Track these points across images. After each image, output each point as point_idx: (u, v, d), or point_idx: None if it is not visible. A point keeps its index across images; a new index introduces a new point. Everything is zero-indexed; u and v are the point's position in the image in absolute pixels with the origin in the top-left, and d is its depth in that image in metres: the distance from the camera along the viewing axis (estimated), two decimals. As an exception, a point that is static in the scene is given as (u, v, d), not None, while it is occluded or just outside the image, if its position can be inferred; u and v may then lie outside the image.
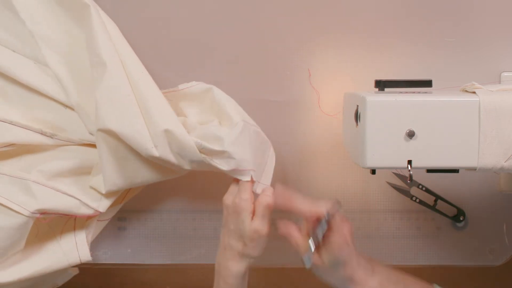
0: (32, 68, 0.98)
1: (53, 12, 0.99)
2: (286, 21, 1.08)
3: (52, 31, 0.98)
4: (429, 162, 0.87)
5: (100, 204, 0.99)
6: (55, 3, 0.99)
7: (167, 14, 1.07)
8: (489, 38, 1.07)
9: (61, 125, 1.00)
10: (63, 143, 1.00)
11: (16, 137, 0.96)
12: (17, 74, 0.98)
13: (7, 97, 0.99)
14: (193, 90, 1.00)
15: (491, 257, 1.11)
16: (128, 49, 0.98)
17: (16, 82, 0.98)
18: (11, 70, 0.97)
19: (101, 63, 0.93)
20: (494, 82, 1.07)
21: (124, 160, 0.95)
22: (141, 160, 0.96)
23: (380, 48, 1.08)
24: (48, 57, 0.97)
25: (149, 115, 0.93)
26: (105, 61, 0.93)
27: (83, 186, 0.99)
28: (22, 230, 0.94)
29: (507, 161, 0.86)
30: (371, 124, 0.86)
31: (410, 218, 1.10)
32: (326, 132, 1.09)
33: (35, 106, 0.99)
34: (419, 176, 1.08)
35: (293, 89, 1.09)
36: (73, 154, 1.00)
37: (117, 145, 0.94)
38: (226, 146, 0.93)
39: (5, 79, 0.99)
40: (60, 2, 0.99)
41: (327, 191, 1.10)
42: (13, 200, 0.93)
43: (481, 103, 0.86)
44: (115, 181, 0.97)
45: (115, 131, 0.91)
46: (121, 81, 0.93)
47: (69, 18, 0.99)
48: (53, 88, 0.98)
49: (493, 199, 1.10)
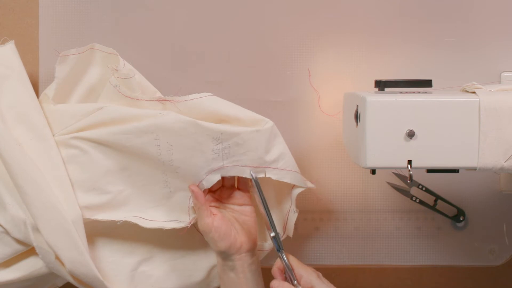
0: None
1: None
2: (286, 21, 1.08)
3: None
4: (429, 162, 0.87)
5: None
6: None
7: (168, 14, 1.07)
8: (489, 38, 1.07)
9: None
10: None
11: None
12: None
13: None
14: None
15: (491, 257, 1.11)
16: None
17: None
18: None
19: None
20: (494, 82, 1.07)
21: None
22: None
23: (380, 48, 1.08)
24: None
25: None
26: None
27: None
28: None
29: (507, 161, 0.86)
30: (371, 124, 0.86)
31: (410, 218, 1.10)
32: (326, 132, 1.09)
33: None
34: (419, 176, 1.08)
35: (293, 89, 1.09)
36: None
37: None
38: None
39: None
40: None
41: (327, 191, 1.10)
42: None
43: (481, 103, 0.85)
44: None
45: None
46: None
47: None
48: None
49: (493, 199, 1.10)
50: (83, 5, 1.08)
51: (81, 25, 1.08)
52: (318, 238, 1.11)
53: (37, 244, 0.95)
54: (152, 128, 0.94)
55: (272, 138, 0.97)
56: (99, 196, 0.97)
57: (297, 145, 1.09)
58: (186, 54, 1.08)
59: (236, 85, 1.08)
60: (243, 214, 0.99)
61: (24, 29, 1.09)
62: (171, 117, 0.94)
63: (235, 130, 0.95)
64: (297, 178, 0.99)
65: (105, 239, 1.01)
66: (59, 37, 1.08)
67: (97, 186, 0.97)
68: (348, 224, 1.10)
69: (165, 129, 0.94)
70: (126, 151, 0.96)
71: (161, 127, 0.94)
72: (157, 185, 0.98)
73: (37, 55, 1.08)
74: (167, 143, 0.95)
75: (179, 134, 0.94)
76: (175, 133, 0.94)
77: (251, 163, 0.96)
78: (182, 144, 0.95)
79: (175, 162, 0.95)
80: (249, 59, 1.08)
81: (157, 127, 0.94)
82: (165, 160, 0.95)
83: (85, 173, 0.97)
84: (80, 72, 1.02)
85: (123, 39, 1.08)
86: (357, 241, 1.10)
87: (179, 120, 0.94)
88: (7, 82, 0.99)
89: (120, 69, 0.99)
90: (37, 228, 0.93)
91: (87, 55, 1.01)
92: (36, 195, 0.93)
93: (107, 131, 0.96)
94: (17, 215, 0.95)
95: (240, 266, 0.96)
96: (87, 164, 0.97)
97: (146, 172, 0.98)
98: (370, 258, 1.11)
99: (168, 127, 0.94)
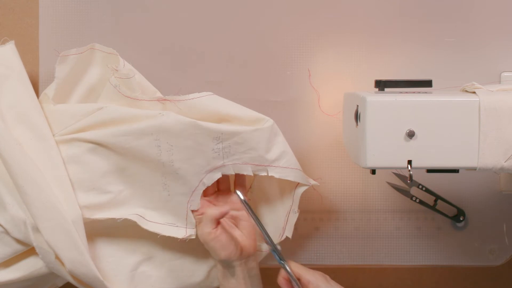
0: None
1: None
2: (286, 21, 1.08)
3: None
4: (429, 162, 0.87)
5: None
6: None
7: (168, 14, 1.07)
8: (489, 38, 1.07)
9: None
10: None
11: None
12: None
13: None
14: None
15: (491, 257, 1.11)
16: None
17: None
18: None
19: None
20: (494, 82, 1.07)
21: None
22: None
23: (380, 48, 1.08)
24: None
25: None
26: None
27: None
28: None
29: (507, 161, 0.86)
30: (371, 124, 0.86)
31: (410, 218, 1.10)
32: (326, 132, 1.09)
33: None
34: (419, 176, 1.08)
35: (293, 89, 1.09)
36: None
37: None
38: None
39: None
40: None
41: (327, 191, 1.10)
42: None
43: (481, 103, 0.85)
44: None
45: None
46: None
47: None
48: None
49: (493, 199, 1.10)
50: (83, 5, 1.08)
51: (81, 25, 1.08)
52: (318, 238, 1.11)
53: (37, 244, 0.95)
54: (151, 130, 0.94)
55: (272, 136, 0.97)
56: (99, 196, 0.97)
57: (297, 145, 1.09)
58: (186, 54, 1.08)
59: (236, 85, 1.08)
60: (241, 219, 0.99)
61: (24, 29, 1.09)
62: (171, 118, 0.94)
63: (235, 129, 0.95)
64: (300, 176, 0.99)
65: (105, 239, 1.01)
66: (59, 37, 1.08)
67: (97, 186, 0.97)
68: (348, 224, 1.10)
69: (165, 130, 0.94)
70: (126, 152, 0.96)
71: (161, 128, 0.94)
72: (156, 187, 0.98)
73: (37, 55, 1.08)
74: (167, 143, 0.95)
75: (179, 135, 0.94)
76: (175, 134, 0.94)
77: (252, 161, 0.96)
78: (182, 145, 0.95)
79: (176, 163, 0.95)
80: (249, 59, 1.08)
81: (157, 128, 0.94)
82: (166, 160, 0.95)
83: (85, 173, 0.97)
84: (80, 72, 1.02)
85: (123, 39, 1.08)
86: (357, 241, 1.10)
87: (179, 121, 0.94)
88: (7, 82, 0.99)
89: (120, 69, 0.99)
90: (37, 228, 0.93)
91: (87, 55, 1.01)
92: (36, 195, 0.93)
93: (107, 133, 0.96)
94: (17, 215, 0.95)
95: (241, 272, 0.96)
96: (87, 164, 0.97)
97: (145, 173, 0.98)
98: (370, 258, 1.11)
99: (168, 128, 0.94)
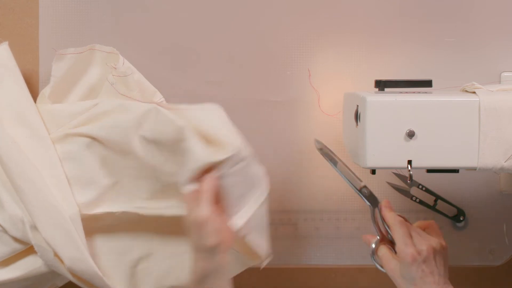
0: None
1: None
2: (286, 21, 1.08)
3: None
4: (429, 162, 0.87)
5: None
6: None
7: (168, 14, 1.07)
8: (489, 38, 1.07)
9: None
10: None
11: None
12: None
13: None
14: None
15: (491, 257, 1.11)
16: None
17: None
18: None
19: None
20: (494, 82, 1.07)
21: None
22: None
23: (380, 48, 1.08)
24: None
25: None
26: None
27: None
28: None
29: (507, 161, 0.86)
30: (371, 124, 0.86)
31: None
32: (326, 132, 1.09)
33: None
34: (419, 176, 1.08)
35: (293, 89, 1.09)
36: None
37: None
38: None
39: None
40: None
41: (327, 191, 1.10)
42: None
43: (481, 103, 0.86)
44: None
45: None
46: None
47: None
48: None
49: (493, 199, 1.10)
50: (83, 5, 1.08)
51: (81, 25, 1.08)
52: (318, 238, 1.11)
53: (35, 242, 0.95)
54: (136, 124, 0.93)
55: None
56: (95, 190, 0.97)
57: (297, 145, 1.09)
58: (186, 54, 1.08)
59: (236, 85, 1.08)
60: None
61: (24, 29, 1.09)
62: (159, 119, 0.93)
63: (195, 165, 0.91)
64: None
65: (104, 235, 1.01)
66: (59, 37, 1.08)
67: (93, 181, 0.97)
68: (348, 224, 1.10)
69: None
70: (117, 144, 0.96)
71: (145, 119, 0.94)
72: (149, 179, 0.97)
73: (37, 55, 1.08)
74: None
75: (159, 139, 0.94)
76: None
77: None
78: (162, 145, 0.94)
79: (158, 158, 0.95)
80: (249, 59, 1.08)
81: (140, 124, 0.93)
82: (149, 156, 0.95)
83: (81, 169, 0.97)
84: (80, 72, 1.02)
85: (123, 39, 1.08)
86: (357, 241, 1.10)
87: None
88: (3, 82, 0.99)
89: (119, 67, 0.99)
90: (35, 226, 0.93)
91: (87, 55, 1.01)
92: (33, 194, 0.93)
93: (99, 125, 0.95)
94: (15, 214, 0.95)
95: (222, 263, 0.87)
96: (82, 159, 0.97)
97: (138, 164, 0.97)
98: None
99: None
